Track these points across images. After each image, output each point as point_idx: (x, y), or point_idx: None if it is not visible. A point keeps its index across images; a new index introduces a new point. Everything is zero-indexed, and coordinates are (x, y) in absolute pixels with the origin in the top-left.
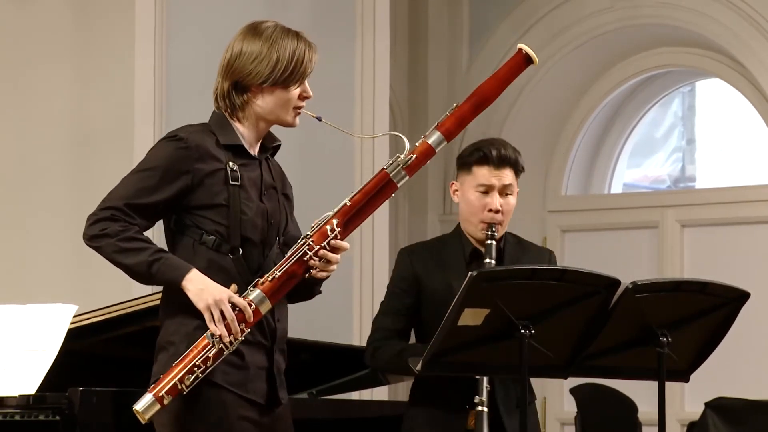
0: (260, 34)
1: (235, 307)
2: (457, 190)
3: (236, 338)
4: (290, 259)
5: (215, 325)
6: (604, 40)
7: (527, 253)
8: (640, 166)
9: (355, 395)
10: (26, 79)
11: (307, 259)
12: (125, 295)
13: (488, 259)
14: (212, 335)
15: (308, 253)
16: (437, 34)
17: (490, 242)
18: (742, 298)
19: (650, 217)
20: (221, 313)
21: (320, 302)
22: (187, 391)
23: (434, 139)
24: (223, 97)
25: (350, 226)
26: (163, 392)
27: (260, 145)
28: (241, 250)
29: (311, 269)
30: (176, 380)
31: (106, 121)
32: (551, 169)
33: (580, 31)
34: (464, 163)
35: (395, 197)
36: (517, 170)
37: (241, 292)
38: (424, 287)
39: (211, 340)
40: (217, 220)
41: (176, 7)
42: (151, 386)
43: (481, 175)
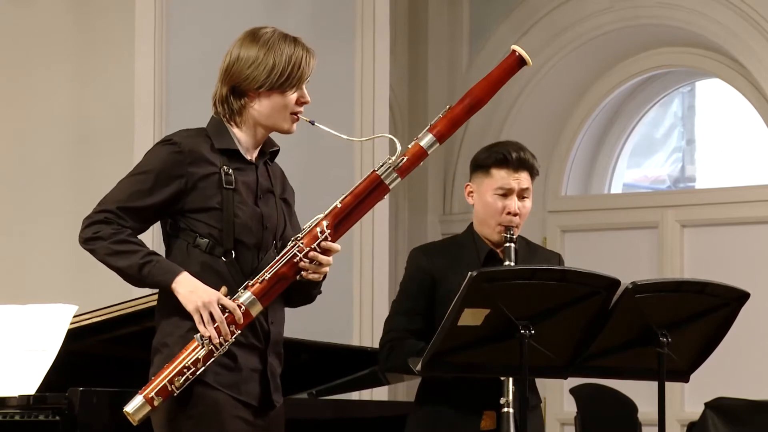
0: (258, 39)
1: (224, 309)
2: (472, 192)
3: (226, 340)
4: (279, 261)
5: (204, 326)
6: (604, 40)
7: (537, 255)
8: (640, 166)
9: (355, 395)
10: (26, 79)
11: (297, 261)
12: (125, 295)
13: (508, 261)
14: (202, 337)
15: (298, 255)
16: (437, 34)
17: (508, 245)
18: (742, 298)
19: (650, 217)
20: (210, 315)
21: (320, 302)
22: (177, 392)
23: (426, 141)
24: (221, 102)
25: (341, 228)
26: (152, 394)
27: (260, 150)
28: (234, 253)
29: (302, 271)
30: (166, 381)
31: (106, 121)
32: (551, 169)
33: (580, 31)
34: (481, 165)
35: (395, 198)
36: (533, 174)
37: (234, 294)
38: (438, 287)
39: (200, 341)
40: (210, 223)
41: (176, 7)
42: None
43: (500, 177)
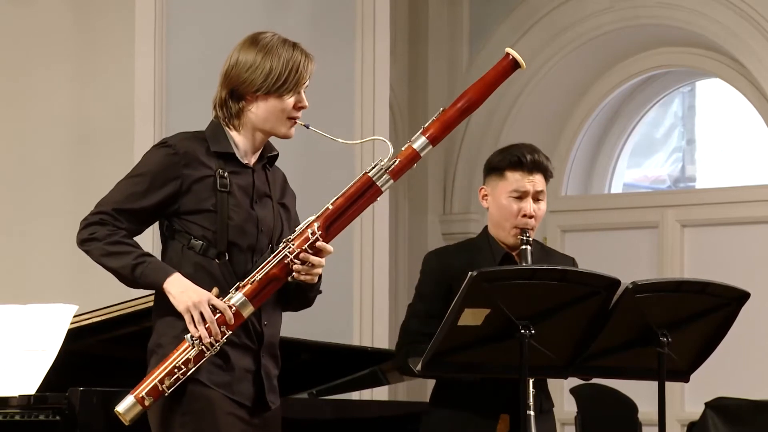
0: (257, 44)
1: (216, 309)
2: (486, 195)
3: (217, 340)
4: (270, 262)
5: (195, 326)
6: (604, 40)
7: (551, 259)
8: (640, 166)
9: (355, 395)
10: (26, 79)
11: (288, 262)
12: (125, 295)
13: (524, 263)
14: (192, 337)
15: (288, 256)
16: (437, 34)
17: (525, 247)
18: (742, 298)
19: (650, 217)
20: (201, 315)
21: (320, 302)
22: (168, 392)
23: (419, 144)
24: (220, 105)
25: (333, 229)
26: (143, 393)
27: (259, 155)
28: (227, 255)
29: (294, 273)
30: (156, 381)
31: (106, 121)
32: None
33: (580, 31)
34: (496, 167)
35: (395, 197)
36: (547, 176)
37: (225, 296)
38: (454, 291)
39: (191, 341)
40: (204, 225)
41: (176, 7)
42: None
43: (515, 180)
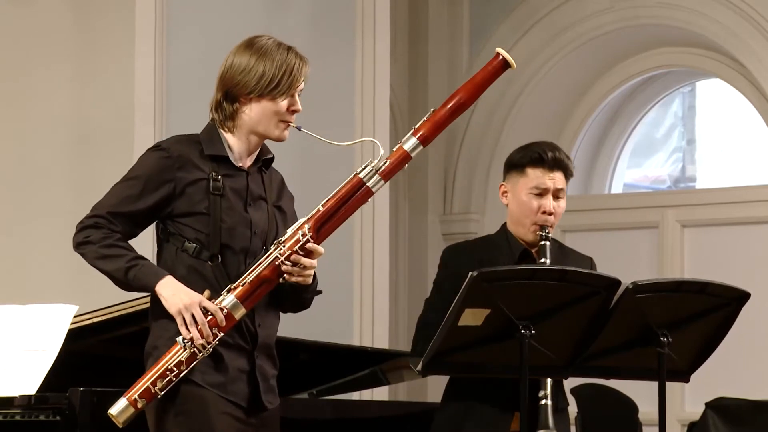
0: (252, 47)
1: (207, 311)
2: (506, 192)
3: (209, 342)
4: (261, 264)
5: (186, 328)
6: (604, 40)
7: (568, 257)
8: (640, 166)
9: (355, 395)
10: (26, 79)
11: (278, 264)
12: (125, 295)
13: (543, 259)
14: (184, 339)
15: (279, 258)
16: (437, 34)
17: (544, 243)
18: (742, 298)
19: (650, 217)
20: (192, 317)
21: (320, 302)
22: (161, 394)
23: (410, 144)
24: (216, 107)
25: (324, 231)
26: (136, 396)
27: (256, 157)
28: (220, 257)
29: (286, 275)
30: (149, 384)
31: (106, 121)
32: None
33: (580, 31)
34: (516, 164)
35: (395, 197)
36: (567, 174)
37: (218, 298)
38: None
39: (182, 344)
40: (197, 228)
41: (176, 7)
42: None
43: (535, 176)
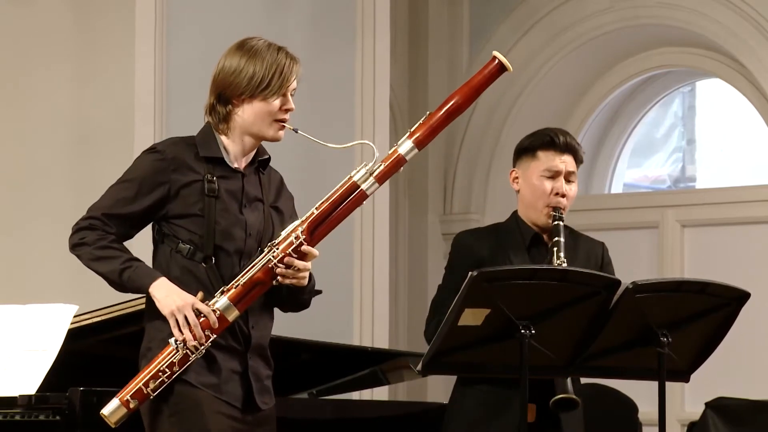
0: (242, 48)
1: (200, 313)
2: (517, 177)
3: (201, 344)
4: (255, 266)
5: (179, 330)
6: (604, 40)
7: (580, 243)
8: (640, 166)
9: (355, 395)
10: (26, 79)
11: (272, 266)
12: (125, 295)
13: (557, 237)
14: (176, 341)
15: (272, 260)
16: (437, 34)
17: (557, 223)
18: (742, 298)
19: (650, 217)
20: (185, 318)
21: (320, 302)
22: (153, 395)
23: (405, 147)
24: (210, 111)
25: (318, 233)
26: (128, 396)
27: (252, 158)
28: (214, 259)
29: (279, 277)
30: (141, 385)
31: (106, 121)
32: None
33: (580, 31)
34: (528, 148)
35: (395, 197)
36: (578, 159)
37: (211, 299)
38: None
39: (175, 345)
40: (192, 229)
41: (176, 7)
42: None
43: (547, 159)
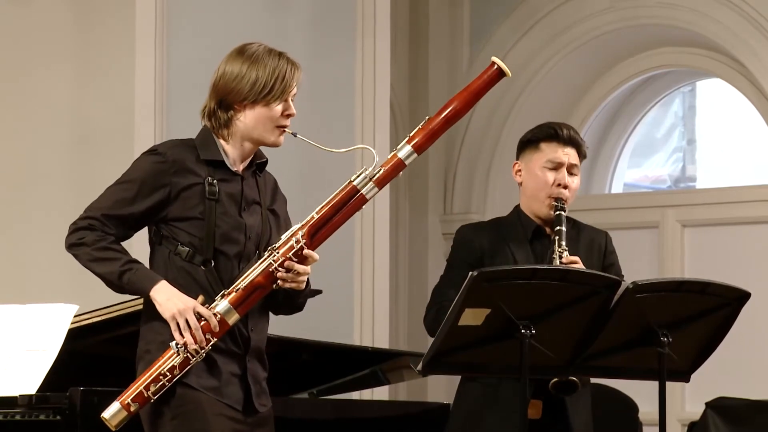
0: (243, 54)
1: (201, 317)
2: (520, 170)
3: (202, 347)
4: (255, 270)
5: (180, 334)
6: (604, 40)
7: (582, 233)
8: (640, 166)
9: (355, 395)
10: (26, 79)
11: (272, 270)
12: (124, 295)
13: (559, 227)
14: (177, 344)
15: (273, 264)
16: (437, 34)
17: (559, 213)
18: (742, 298)
19: (651, 217)
20: (186, 322)
21: (320, 302)
22: (154, 399)
23: (404, 152)
24: (209, 115)
25: (318, 238)
26: (129, 400)
27: (250, 162)
28: (213, 262)
29: (279, 281)
30: (142, 388)
31: (106, 121)
32: None
33: (580, 31)
34: (531, 140)
35: (395, 197)
36: (581, 153)
37: (211, 303)
38: (485, 262)
39: (176, 349)
40: (191, 232)
41: (176, 7)
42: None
43: (550, 150)
